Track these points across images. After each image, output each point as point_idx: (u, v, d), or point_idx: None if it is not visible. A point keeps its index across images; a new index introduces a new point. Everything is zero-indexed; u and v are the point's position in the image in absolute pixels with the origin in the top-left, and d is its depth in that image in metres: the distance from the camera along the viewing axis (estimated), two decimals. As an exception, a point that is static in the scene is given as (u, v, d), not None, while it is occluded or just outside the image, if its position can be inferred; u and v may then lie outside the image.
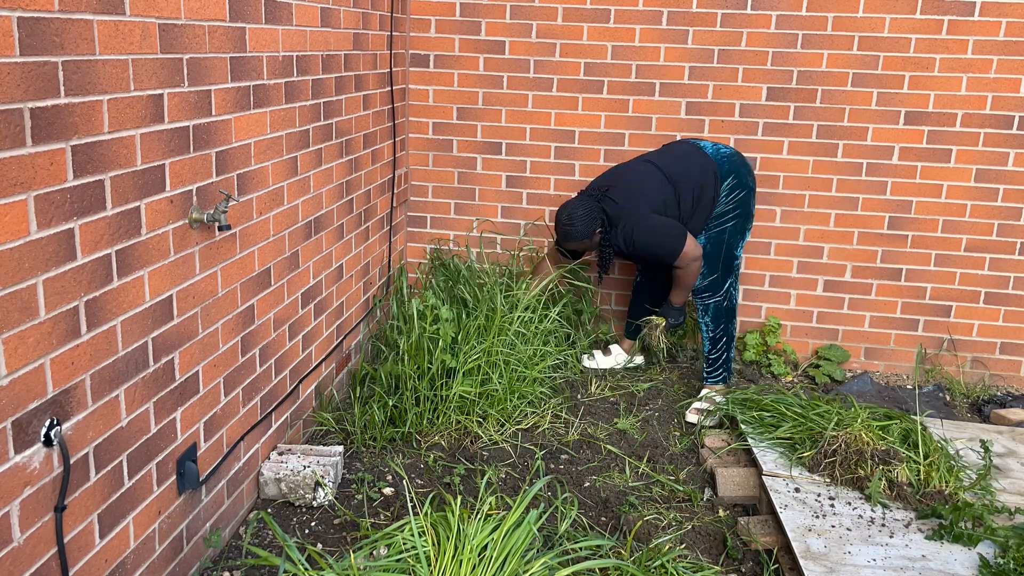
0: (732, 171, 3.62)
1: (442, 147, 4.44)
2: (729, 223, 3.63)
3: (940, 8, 3.92)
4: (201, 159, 2.32)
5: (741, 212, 3.63)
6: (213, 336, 2.48)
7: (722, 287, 3.69)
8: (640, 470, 3.25)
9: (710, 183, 3.59)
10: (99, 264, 1.92)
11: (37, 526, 1.80)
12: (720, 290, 3.69)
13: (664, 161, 3.66)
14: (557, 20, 4.18)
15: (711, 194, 3.59)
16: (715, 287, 3.69)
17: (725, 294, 3.71)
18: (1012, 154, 4.05)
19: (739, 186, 3.62)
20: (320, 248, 3.29)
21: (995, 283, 4.21)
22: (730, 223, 3.63)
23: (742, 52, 4.09)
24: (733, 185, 3.60)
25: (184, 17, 2.17)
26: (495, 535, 2.43)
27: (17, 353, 1.69)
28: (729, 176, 3.61)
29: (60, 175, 1.76)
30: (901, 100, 4.05)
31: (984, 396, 4.10)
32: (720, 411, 3.54)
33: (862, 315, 4.34)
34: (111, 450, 2.03)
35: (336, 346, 3.57)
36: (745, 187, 3.63)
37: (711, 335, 3.76)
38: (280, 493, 2.91)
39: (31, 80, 1.65)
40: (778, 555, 2.72)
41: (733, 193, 3.60)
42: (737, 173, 3.62)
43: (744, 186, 3.63)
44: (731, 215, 3.62)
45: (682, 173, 3.60)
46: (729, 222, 3.63)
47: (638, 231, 3.55)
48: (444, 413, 3.44)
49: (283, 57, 2.79)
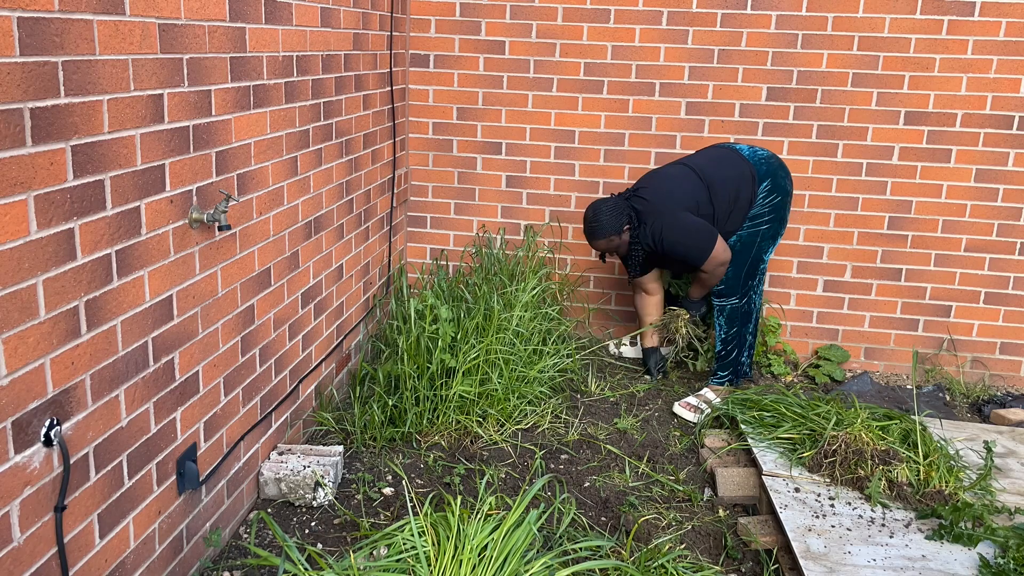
0: (770, 174, 3.58)
1: (442, 147, 4.44)
2: (763, 226, 3.59)
3: (940, 8, 3.92)
4: (201, 159, 2.32)
5: (776, 216, 3.60)
6: (213, 336, 2.48)
7: (741, 289, 3.66)
8: (640, 470, 3.25)
9: (747, 185, 3.55)
10: (99, 264, 1.92)
11: (37, 526, 1.80)
12: (738, 292, 3.65)
13: (699, 163, 3.63)
14: (557, 20, 4.18)
15: (748, 196, 3.55)
16: (734, 289, 3.65)
17: (745, 297, 3.67)
18: (1012, 154, 4.05)
19: (776, 190, 3.58)
20: (320, 248, 3.29)
21: (995, 283, 4.21)
22: (764, 226, 3.59)
23: (742, 52, 4.10)
24: (770, 188, 3.57)
25: (184, 17, 2.18)
26: (495, 535, 2.43)
27: (17, 353, 1.69)
28: (767, 179, 3.57)
29: (60, 175, 1.76)
30: (901, 100, 4.05)
31: (984, 396, 4.10)
32: (718, 412, 3.53)
33: (862, 315, 4.34)
34: (111, 450, 2.03)
35: (336, 346, 3.57)
36: (782, 191, 3.59)
37: (723, 336, 3.75)
38: (280, 493, 2.91)
39: (31, 80, 1.65)
40: (778, 555, 2.72)
41: (770, 196, 3.57)
42: (774, 176, 3.59)
43: (781, 190, 3.59)
44: (766, 218, 3.59)
45: (718, 175, 3.57)
46: (763, 225, 3.59)
47: (667, 229, 3.51)
48: (444, 413, 3.44)
49: (283, 57, 2.79)
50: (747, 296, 3.67)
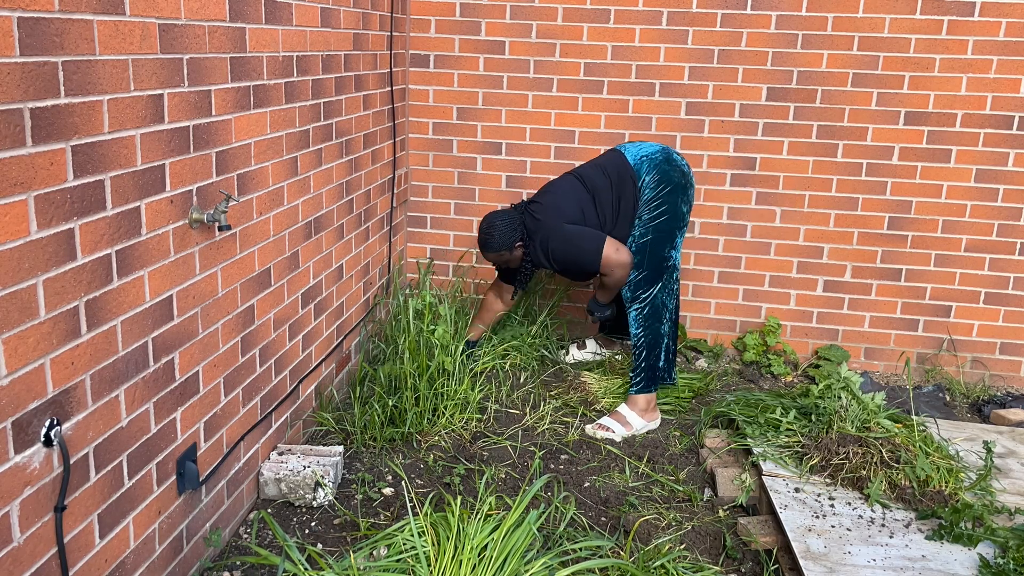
0: (653, 169, 3.51)
1: (442, 147, 4.44)
2: (657, 220, 3.50)
3: (940, 8, 3.92)
4: (201, 159, 2.32)
5: (669, 209, 3.50)
6: (213, 336, 2.48)
7: (649, 290, 3.53)
8: (640, 470, 3.25)
9: (628, 186, 3.51)
10: (99, 264, 1.92)
11: (37, 526, 1.80)
12: (646, 293, 3.53)
13: (586, 172, 3.61)
14: (557, 20, 4.18)
15: (630, 199, 3.50)
16: (640, 288, 3.53)
17: (649, 299, 3.54)
18: (1012, 154, 4.05)
19: (662, 183, 3.49)
20: (320, 248, 3.29)
21: (995, 283, 4.21)
22: (658, 220, 3.50)
23: (742, 52, 4.10)
24: (655, 183, 3.49)
25: (184, 17, 2.18)
26: (495, 535, 2.43)
27: (17, 353, 1.69)
28: (651, 174, 3.50)
29: (60, 175, 1.76)
30: (901, 100, 4.05)
31: (984, 396, 4.10)
32: (640, 431, 3.51)
33: (862, 315, 4.34)
34: (111, 450, 2.03)
35: (336, 346, 3.57)
36: (670, 183, 3.50)
37: (633, 340, 3.61)
38: (280, 493, 2.91)
39: (31, 80, 1.65)
40: (778, 555, 2.72)
41: (659, 188, 3.49)
42: (659, 170, 3.50)
43: (668, 182, 3.50)
44: (658, 214, 3.49)
45: (601, 181, 3.55)
46: (657, 219, 3.50)
47: (553, 241, 3.50)
48: (444, 413, 3.45)
49: (283, 57, 2.79)
50: (651, 295, 3.54)
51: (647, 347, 3.57)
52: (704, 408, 3.69)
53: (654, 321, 3.56)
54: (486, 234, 3.62)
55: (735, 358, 4.43)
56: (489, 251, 3.65)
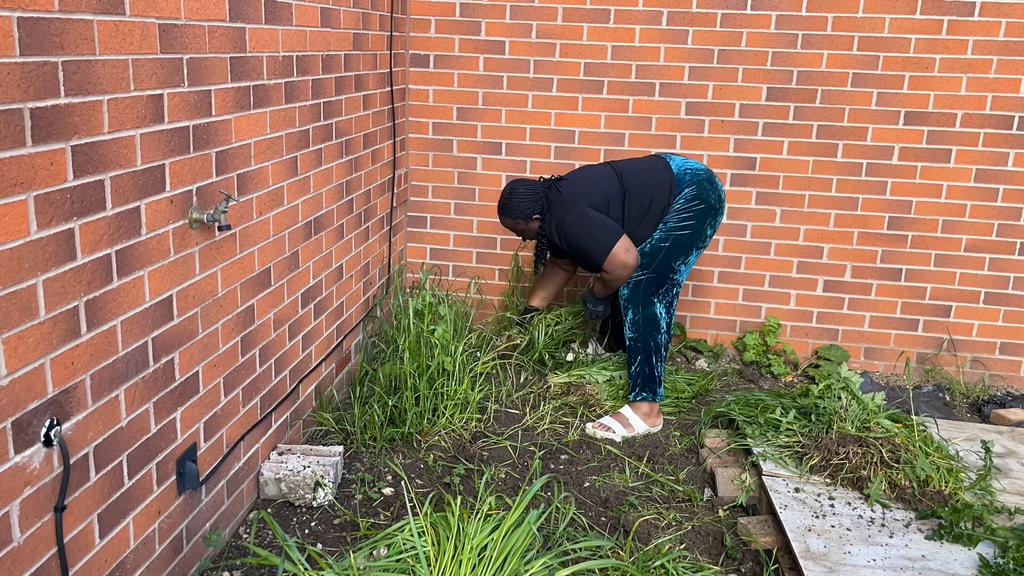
0: (694, 183, 3.49)
1: (442, 147, 4.44)
2: (680, 231, 3.46)
3: (940, 8, 3.92)
4: (201, 159, 2.32)
5: (696, 224, 3.47)
6: (213, 336, 2.48)
7: (647, 294, 3.50)
8: (640, 470, 3.25)
9: (663, 195, 3.48)
10: (99, 264, 1.92)
11: (37, 526, 1.80)
12: (643, 296, 3.50)
13: (625, 168, 3.59)
14: (557, 20, 4.18)
15: (662, 205, 3.48)
16: (640, 289, 3.50)
17: (646, 303, 3.50)
18: (1012, 154, 4.05)
19: (698, 198, 3.46)
20: (320, 248, 3.29)
21: (995, 283, 4.21)
22: (680, 231, 3.46)
23: (742, 52, 4.10)
24: (691, 196, 3.46)
25: (184, 17, 2.18)
26: (495, 535, 2.43)
27: (17, 353, 1.69)
28: (690, 187, 3.48)
29: (60, 175, 1.76)
30: (901, 100, 4.05)
31: (984, 396, 4.10)
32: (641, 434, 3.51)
33: (862, 315, 4.34)
34: (111, 450, 2.03)
35: (336, 346, 3.57)
36: (705, 202, 3.47)
37: (631, 346, 3.58)
38: (280, 493, 2.91)
39: (31, 80, 1.65)
40: (778, 555, 2.72)
41: (692, 203, 3.46)
42: (699, 186, 3.48)
43: (704, 200, 3.47)
44: (686, 224, 3.46)
45: (637, 182, 3.51)
46: (681, 231, 3.46)
47: (569, 220, 3.47)
48: (444, 413, 3.45)
49: (283, 57, 2.79)
50: (650, 302, 3.50)
51: (641, 352, 3.53)
52: (704, 408, 3.69)
53: (651, 328, 3.52)
54: (506, 199, 3.61)
55: (735, 358, 4.44)
56: (506, 216, 3.64)
